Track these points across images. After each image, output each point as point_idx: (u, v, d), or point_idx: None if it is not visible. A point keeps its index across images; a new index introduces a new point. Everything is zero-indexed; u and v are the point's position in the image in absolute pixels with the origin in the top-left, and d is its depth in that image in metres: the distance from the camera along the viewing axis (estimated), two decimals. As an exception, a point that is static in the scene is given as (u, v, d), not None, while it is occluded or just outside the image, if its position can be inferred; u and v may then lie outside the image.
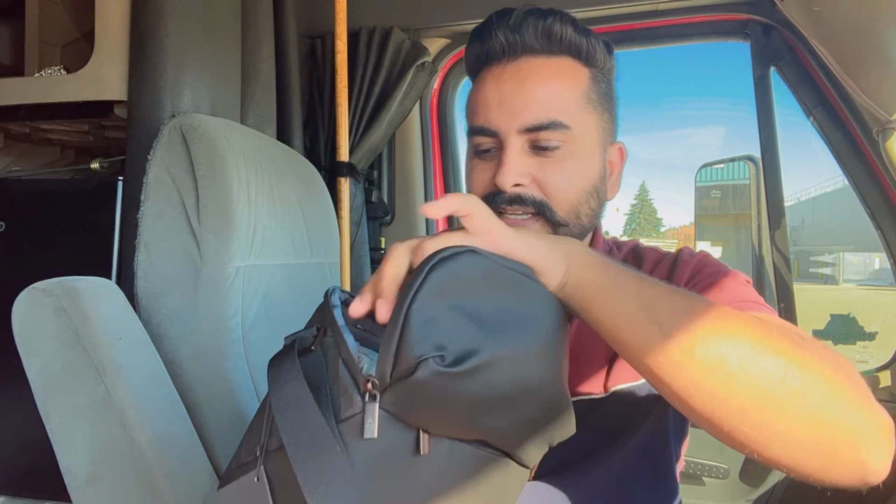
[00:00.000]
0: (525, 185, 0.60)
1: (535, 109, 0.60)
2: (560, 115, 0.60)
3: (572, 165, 0.61)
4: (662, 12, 1.33)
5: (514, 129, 0.60)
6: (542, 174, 0.60)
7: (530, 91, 0.60)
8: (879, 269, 15.48)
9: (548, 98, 0.60)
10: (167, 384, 0.82)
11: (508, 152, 0.60)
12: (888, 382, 1.24)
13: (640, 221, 47.47)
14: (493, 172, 0.61)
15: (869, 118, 1.10)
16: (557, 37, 0.61)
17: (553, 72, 0.61)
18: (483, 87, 0.63)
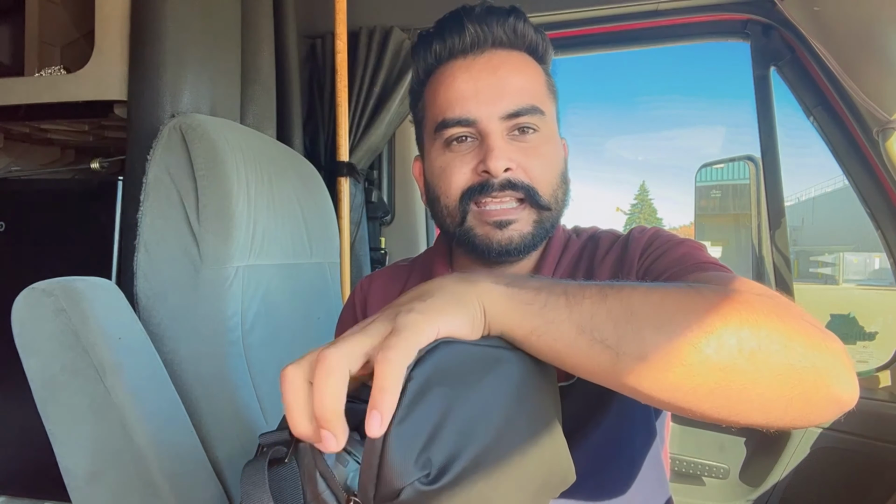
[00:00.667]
0: (513, 170, 0.61)
1: (513, 95, 0.62)
2: (535, 100, 0.63)
3: (548, 150, 0.64)
4: (662, 12, 1.33)
5: (495, 115, 0.61)
6: (524, 159, 0.62)
7: (506, 79, 0.62)
8: (879, 269, 15.48)
9: (522, 85, 0.63)
10: (167, 384, 0.82)
11: (494, 138, 0.61)
12: (888, 382, 1.24)
13: (640, 221, 47.50)
14: (476, 163, 0.62)
15: (869, 118, 1.10)
16: (521, 33, 0.65)
17: (520, 63, 0.64)
18: (453, 80, 0.64)
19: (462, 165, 0.63)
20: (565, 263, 0.69)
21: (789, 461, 1.19)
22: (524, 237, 0.63)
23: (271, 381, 0.94)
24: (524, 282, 0.42)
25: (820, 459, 1.17)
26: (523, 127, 0.62)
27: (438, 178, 0.65)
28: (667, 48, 1.46)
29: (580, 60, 2.79)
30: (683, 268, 0.59)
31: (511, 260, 0.66)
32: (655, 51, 1.59)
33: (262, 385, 0.91)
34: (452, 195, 0.63)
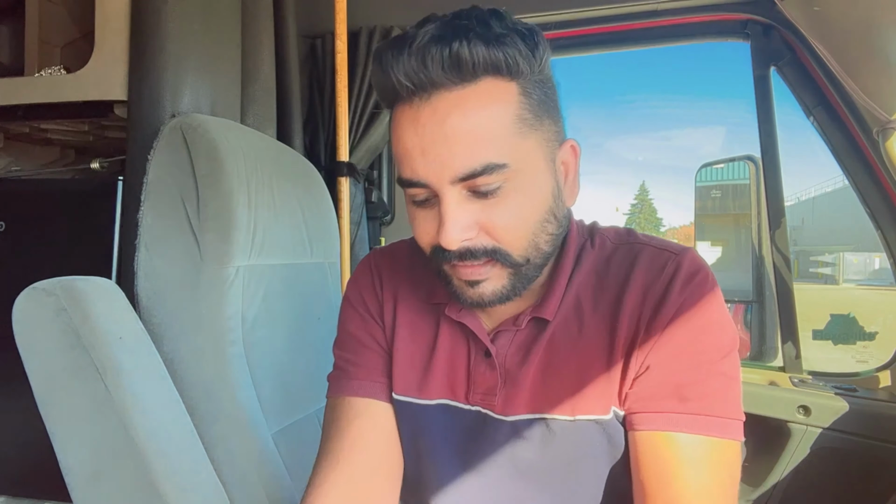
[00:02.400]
0: (472, 237, 0.54)
1: (463, 157, 0.51)
2: (493, 155, 0.52)
3: (519, 200, 0.54)
4: (662, 12, 1.33)
5: (445, 180, 0.52)
6: (488, 218, 0.54)
7: (453, 136, 0.51)
8: (879, 269, 15.48)
9: (475, 139, 0.52)
10: (167, 384, 0.82)
11: (446, 207, 0.53)
12: (888, 382, 1.24)
13: (640, 221, 47.49)
14: (437, 223, 0.55)
15: (869, 118, 1.10)
16: (469, 63, 0.51)
17: (475, 103, 0.52)
18: (401, 132, 0.55)
19: (426, 223, 0.57)
20: (576, 286, 0.62)
21: (789, 461, 1.19)
22: (496, 293, 0.57)
23: (271, 381, 0.94)
24: None
25: (820, 459, 1.17)
26: (480, 189, 0.53)
27: (412, 226, 0.59)
28: (666, 48, 1.46)
29: (580, 60, 2.74)
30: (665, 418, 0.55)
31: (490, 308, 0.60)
32: (655, 50, 1.59)
33: (262, 385, 0.91)
34: (424, 248, 0.59)
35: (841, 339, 1.71)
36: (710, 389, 0.56)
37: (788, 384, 1.24)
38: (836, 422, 1.15)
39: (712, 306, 0.58)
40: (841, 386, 1.22)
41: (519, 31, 0.54)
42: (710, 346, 0.57)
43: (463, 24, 0.52)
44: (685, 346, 0.57)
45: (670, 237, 20.66)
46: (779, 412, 1.18)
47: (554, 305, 0.62)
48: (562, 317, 0.62)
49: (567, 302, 0.62)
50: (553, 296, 0.62)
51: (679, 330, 0.57)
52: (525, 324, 0.62)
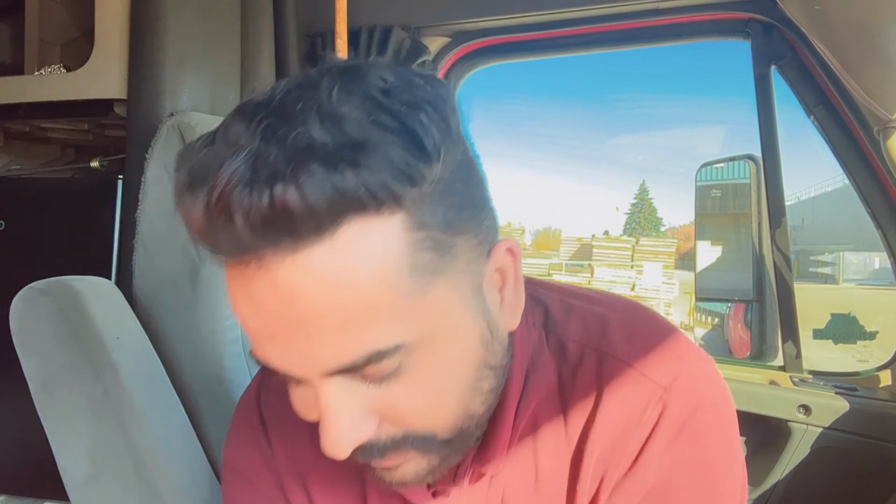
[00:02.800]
0: (372, 429, 0.38)
1: (331, 349, 0.34)
2: (377, 338, 0.34)
3: (430, 374, 0.38)
4: (662, 11, 1.33)
5: (314, 374, 0.36)
6: (389, 404, 0.37)
7: (309, 321, 0.33)
8: (879, 268, 15.49)
9: (344, 321, 0.33)
10: (166, 384, 0.82)
11: (326, 403, 0.36)
12: (889, 381, 1.24)
13: (640, 221, 47.52)
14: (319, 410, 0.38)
15: (870, 117, 1.10)
16: (305, 214, 0.30)
17: (336, 266, 0.32)
18: (236, 303, 0.38)
19: (308, 412, 0.40)
20: (528, 421, 0.46)
21: (789, 461, 1.19)
22: (421, 473, 0.42)
23: (271, 381, 0.94)
24: None
25: (820, 459, 1.17)
26: (371, 378, 0.36)
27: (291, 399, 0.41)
28: (666, 47, 1.45)
29: (580, 60, 2.69)
30: None
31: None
32: (655, 50, 1.59)
33: (261, 384, 0.91)
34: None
35: (841, 339, 1.71)
36: None
37: (789, 383, 1.24)
38: (837, 421, 1.14)
39: (715, 465, 0.43)
40: (841, 385, 1.22)
41: (398, 112, 0.33)
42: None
43: (291, 135, 0.31)
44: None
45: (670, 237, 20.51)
46: (779, 411, 1.18)
47: (499, 457, 0.45)
48: (513, 465, 0.47)
49: (518, 445, 0.46)
50: (497, 445, 0.45)
51: (661, 497, 0.43)
52: (467, 481, 0.47)
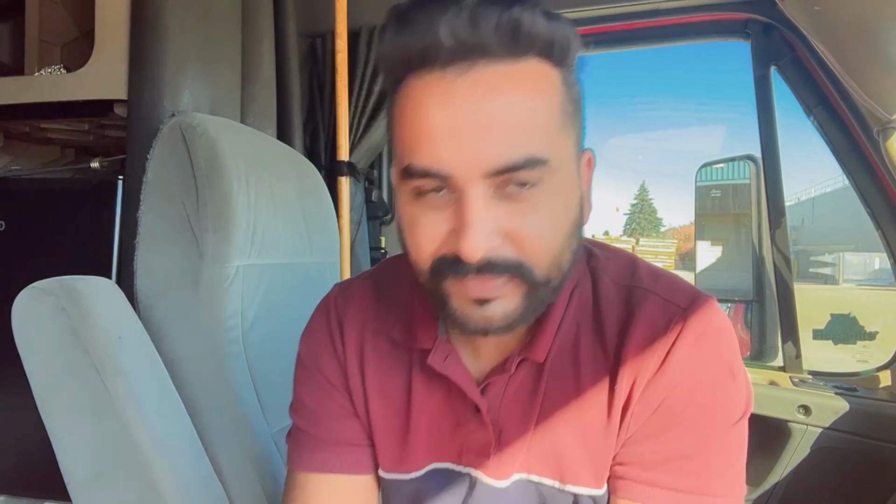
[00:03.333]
0: (497, 246, 0.44)
1: (505, 143, 0.43)
2: (536, 148, 0.43)
3: (552, 206, 0.46)
4: (662, 12, 1.33)
5: (475, 173, 0.43)
6: (516, 225, 0.45)
7: (497, 116, 0.43)
8: (879, 269, 15.49)
9: (520, 125, 0.43)
10: (167, 384, 0.82)
11: (473, 204, 0.43)
12: (888, 382, 1.24)
13: (640, 221, 47.50)
14: (449, 226, 0.45)
15: (869, 117, 1.10)
16: (527, 33, 0.43)
17: (522, 85, 0.44)
18: (424, 107, 0.44)
19: (433, 228, 0.46)
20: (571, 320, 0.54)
21: (789, 461, 1.19)
22: (508, 316, 0.47)
23: (271, 381, 0.94)
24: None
25: (820, 459, 1.17)
26: (515, 187, 0.44)
27: (408, 234, 0.48)
28: (666, 48, 1.46)
29: (580, 60, 2.75)
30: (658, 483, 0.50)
31: (495, 336, 0.50)
32: (654, 50, 1.59)
33: (262, 384, 0.91)
34: (422, 260, 0.47)
35: (841, 339, 1.71)
36: (709, 464, 0.50)
37: (789, 384, 1.24)
38: (837, 421, 1.15)
39: (724, 369, 0.51)
40: (841, 385, 1.22)
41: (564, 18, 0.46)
42: (717, 414, 0.50)
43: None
44: (689, 414, 0.50)
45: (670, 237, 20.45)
46: (779, 412, 1.18)
47: (545, 345, 0.53)
48: (555, 360, 0.54)
49: (561, 342, 0.53)
50: (545, 334, 0.53)
51: (684, 396, 0.50)
52: (515, 368, 0.53)
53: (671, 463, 0.50)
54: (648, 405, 0.51)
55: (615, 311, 0.54)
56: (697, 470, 0.50)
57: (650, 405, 0.51)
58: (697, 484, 0.50)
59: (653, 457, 0.51)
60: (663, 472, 0.50)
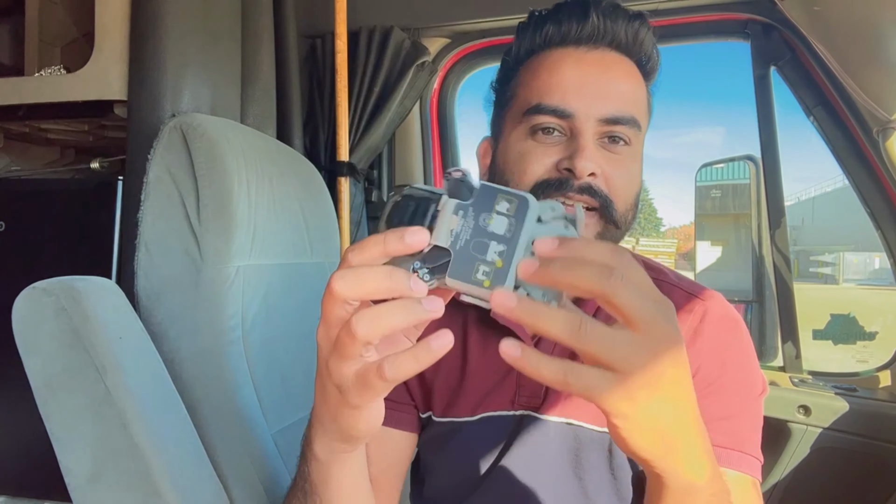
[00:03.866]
0: (597, 176, 0.57)
1: (617, 100, 0.58)
2: (637, 113, 0.59)
3: (633, 167, 0.60)
4: (662, 12, 1.33)
5: (593, 116, 0.57)
6: (609, 169, 0.58)
7: (614, 81, 0.59)
8: (879, 268, 15.49)
9: (629, 93, 0.59)
10: (167, 384, 0.82)
11: (586, 138, 0.57)
12: (888, 382, 1.24)
13: (640, 221, 47.51)
14: (559, 157, 0.58)
15: (869, 118, 1.10)
16: (641, 40, 0.60)
17: (630, 71, 0.61)
18: (559, 67, 0.59)
19: (544, 157, 0.59)
20: None
21: (789, 461, 1.19)
22: None
23: (272, 381, 0.94)
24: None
25: (820, 459, 1.17)
26: (617, 136, 0.59)
27: (514, 164, 0.60)
28: (665, 48, 1.45)
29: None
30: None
31: None
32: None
33: (262, 385, 0.91)
34: (524, 184, 0.59)
35: (841, 339, 1.71)
36: (744, 427, 0.58)
37: (788, 384, 1.24)
38: (836, 422, 1.15)
39: (746, 346, 0.61)
40: (841, 386, 1.22)
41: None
42: (747, 383, 0.59)
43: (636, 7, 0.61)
44: (723, 382, 0.58)
45: (670, 237, 20.53)
46: (779, 412, 1.18)
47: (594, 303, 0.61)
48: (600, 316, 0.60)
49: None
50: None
51: (717, 367, 0.59)
52: None
53: (715, 422, 0.55)
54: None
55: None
56: (734, 430, 0.57)
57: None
58: (734, 441, 0.57)
59: None
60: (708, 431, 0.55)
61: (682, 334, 0.56)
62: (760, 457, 0.58)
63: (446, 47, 1.52)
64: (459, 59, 1.57)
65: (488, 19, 1.41)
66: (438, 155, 1.62)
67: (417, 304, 0.32)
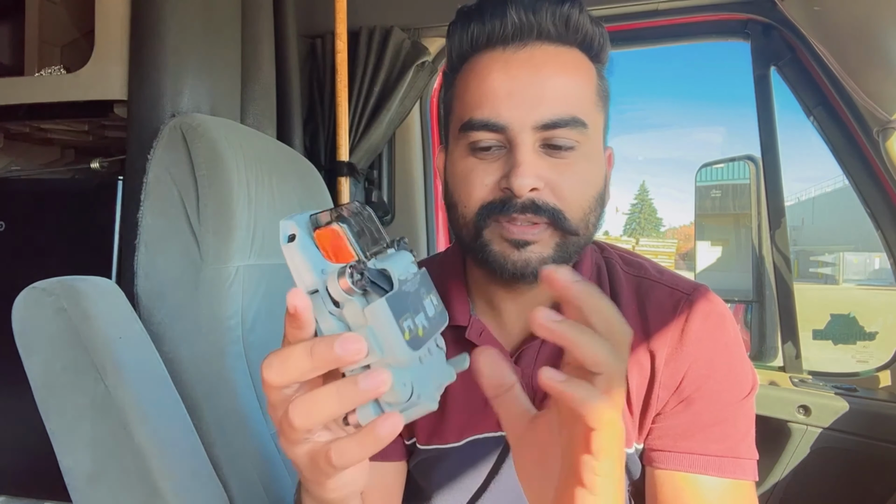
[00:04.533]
0: (540, 190, 0.53)
1: (553, 103, 0.53)
2: (578, 111, 0.54)
3: (585, 168, 0.55)
4: (662, 12, 1.33)
5: (528, 125, 0.52)
6: (556, 178, 0.53)
7: (547, 81, 0.53)
8: (879, 269, 15.49)
9: (566, 91, 0.53)
10: (167, 384, 0.82)
11: (523, 151, 0.52)
12: (888, 382, 1.24)
13: (640, 221, 47.48)
14: (500, 175, 0.54)
15: (869, 118, 1.10)
16: (574, 25, 0.54)
17: (568, 63, 0.55)
18: (486, 75, 0.54)
19: (484, 176, 0.55)
20: None
21: (789, 461, 1.19)
22: (543, 260, 0.54)
23: (271, 381, 0.94)
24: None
25: (820, 459, 1.17)
26: (559, 142, 0.53)
27: (458, 185, 0.57)
28: (666, 49, 1.46)
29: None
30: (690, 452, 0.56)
31: (527, 282, 0.57)
32: (655, 50, 1.59)
33: (262, 385, 0.91)
34: (471, 207, 0.55)
35: (841, 339, 1.71)
36: (735, 430, 0.56)
37: (788, 384, 1.24)
38: (837, 422, 1.15)
39: (733, 343, 0.58)
40: (841, 386, 1.22)
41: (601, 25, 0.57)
42: (734, 385, 0.57)
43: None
44: (712, 383, 0.57)
45: (670, 237, 20.56)
46: (779, 412, 1.18)
47: None
48: None
49: None
50: None
51: (704, 366, 0.57)
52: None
53: (706, 431, 0.56)
54: (674, 376, 0.57)
55: (627, 296, 0.61)
56: (726, 435, 0.56)
57: (676, 376, 0.57)
58: (727, 447, 0.55)
59: (689, 427, 0.56)
60: (698, 440, 0.56)
61: (667, 336, 0.57)
62: (755, 454, 0.57)
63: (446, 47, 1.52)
64: (459, 59, 1.57)
65: (488, 19, 1.41)
66: (438, 155, 1.62)
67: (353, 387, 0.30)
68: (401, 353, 0.32)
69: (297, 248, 0.35)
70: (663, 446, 0.57)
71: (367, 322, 0.32)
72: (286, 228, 0.34)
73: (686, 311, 0.59)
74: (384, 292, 0.33)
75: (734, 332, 0.59)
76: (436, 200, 1.59)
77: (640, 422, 0.59)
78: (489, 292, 0.62)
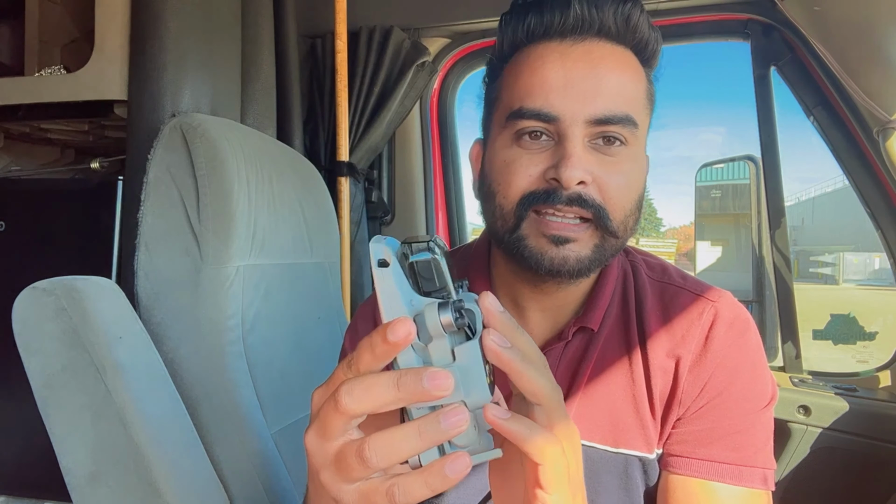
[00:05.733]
0: (587, 185, 0.52)
1: (608, 98, 0.52)
2: (631, 110, 0.53)
3: (631, 169, 0.54)
4: (662, 12, 1.33)
5: (581, 118, 0.51)
6: (603, 175, 0.52)
7: (604, 77, 0.52)
8: (879, 269, 15.48)
9: (621, 88, 0.53)
10: (167, 384, 0.82)
11: (574, 143, 0.51)
12: (888, 382, 1.24)
13: (640, 221, 47.33)
14: (546, 166, 0.53)
15: (869, 118, 1.10)
16: (634, 25, 0.54)
17: (623, 62, 0.54)
18: (541, 65, 0.53)
19: (530, 166, 0.53)
20: (617, 301, 0.61)
21: (789, 461, 1.19)
22: (580, 260, 0.53)
23: (271, 381, 0.94)
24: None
25: (820, 459, 1.17)
26: (610, 136, 0.53)
27: (499, 174, 0.55)
28: (665, 49, 1.45)
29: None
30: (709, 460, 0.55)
31: (560, 281, 0.56)
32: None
33: (262, 385, 0.91)
34: (511, 197, 0.54)
35: (841, 339, 1.71)
36: (754, 439, 0.56)
37: (788, 384, 1.24)
38: (836, 422, 1.15)
39: (756, 351, 0.58)
40: (841, 386, 1.22)
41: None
42: (755, 395, 0.57)
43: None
44: (734, 391, 0.56)
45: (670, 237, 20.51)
46: (779, 412, 1.18)
47: (599, 315, 0.59)
48: (609, 329, 0.60)
49: (613, 312, 0.60)
50: (598, 305, 0.59)
51: (728, 374, 0.57)
52: (572, 335, 0.60)
53: (725, 439, 0.55)
54: (697, 382, 0.57)
55: (651, 302, 0.61)
56: (745, 444, 0.55)
57: (698, 383, 0.57)
58: (746, 456, 0.55)
59: (708, 434, 0.56)
60: (717, 448, 0.55)
61: (692, 342, 0.57)
62: (773, 464, 0.57)
63: (446, 47, 1.52)
64: (459, 59, 1.57)
65: (488, 19, 1.41)
66: (438, 155, 1.62)
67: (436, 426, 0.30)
68: (483, 396, 0.32)
69: (392, 274, 0.34)
70: (681, 452, 0.57)
71: (454, 361, 0.32)
72: (378, 252, 0.34)
73: (711, 316, 0.58)
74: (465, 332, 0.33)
75: (757, 341, 0.59)
76: (436, 200, 1.59)
77: (661, 427, 0.58)
78: (515, 290, 0.61)
